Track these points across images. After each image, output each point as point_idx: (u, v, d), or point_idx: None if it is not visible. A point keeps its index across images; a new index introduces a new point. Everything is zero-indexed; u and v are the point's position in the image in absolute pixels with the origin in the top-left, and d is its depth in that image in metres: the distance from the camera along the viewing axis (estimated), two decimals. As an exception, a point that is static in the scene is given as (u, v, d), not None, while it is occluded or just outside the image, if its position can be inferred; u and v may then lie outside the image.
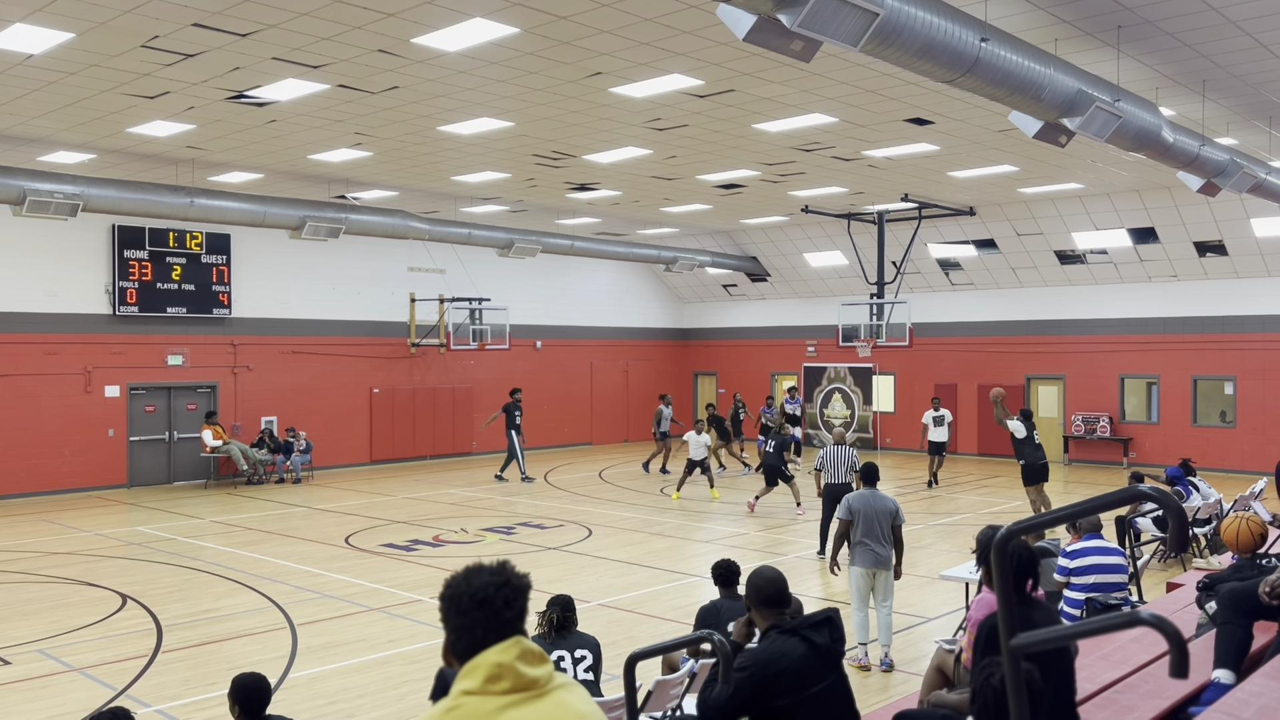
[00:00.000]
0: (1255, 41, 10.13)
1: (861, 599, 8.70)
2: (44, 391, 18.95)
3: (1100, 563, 7.46)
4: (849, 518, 8.75)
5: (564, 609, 5.86)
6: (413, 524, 15.81)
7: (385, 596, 11.09)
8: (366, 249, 23.10)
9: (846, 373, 27.42)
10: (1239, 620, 4.90)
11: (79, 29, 9.57)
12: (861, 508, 8.72)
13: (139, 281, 19.85)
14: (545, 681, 2.19)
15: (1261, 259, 20.46)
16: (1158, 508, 8.77)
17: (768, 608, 4.23)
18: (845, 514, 8.79)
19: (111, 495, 19.22)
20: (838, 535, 8.97)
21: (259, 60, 10.64)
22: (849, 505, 8.79)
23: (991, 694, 3.63)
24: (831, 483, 12.88)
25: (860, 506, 8.73)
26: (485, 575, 2.25)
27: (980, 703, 3.69)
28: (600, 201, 20.75)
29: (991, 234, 22.88)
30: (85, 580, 11.96)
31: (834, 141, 14.96)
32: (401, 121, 13.50)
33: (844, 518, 8.80)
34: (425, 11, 9.18)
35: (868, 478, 9.10)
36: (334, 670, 8.52)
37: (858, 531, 8.67)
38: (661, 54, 10.53)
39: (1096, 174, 17.99)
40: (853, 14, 6.63)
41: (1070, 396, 23.58)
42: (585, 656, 5.74)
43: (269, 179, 17.76)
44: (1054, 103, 9.12)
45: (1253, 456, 20.53)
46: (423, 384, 24.63)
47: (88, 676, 8.39)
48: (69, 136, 14.36)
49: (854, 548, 8.72)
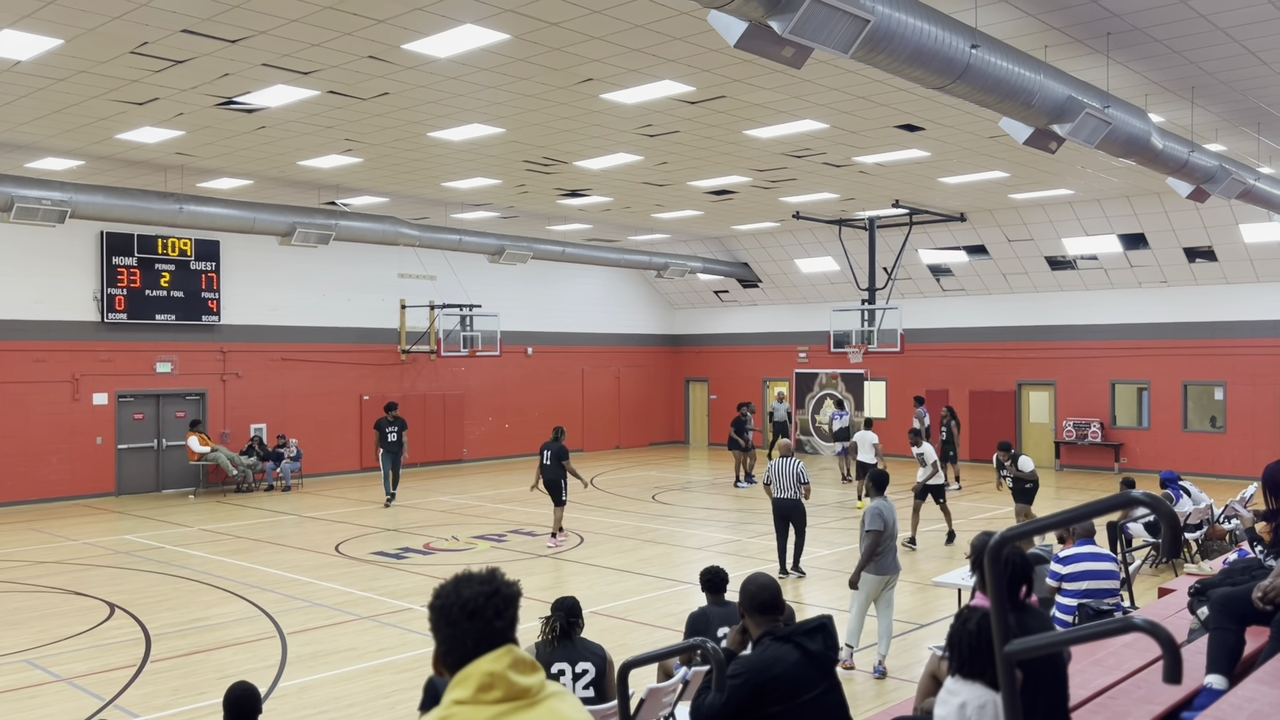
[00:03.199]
0: (1243, 48, 10.17)
1: (866, 604, 8.67)
2: (31, 399, 18.84)
3: (1093, 569, 7.46)
4: (883, 528, 8.59)
5: (569, 614, 5.46)
6: (403, 531, 15.75)
7: (376, 605, 11.03)
8: (357, 255, 23.06)
9: (838, 379, 27.45)
10: (1231, 625, 4.90)
11: (68, 35, 9.53)
12: (890, 516, 8.69)
13: (127, 288, 19.77)
14: (537, 690, 2.17)
15: (1251, 265, 20.55)
16: (1149, 513, 8.78)
17: (761, 615, 4.21)
18: (880, 524, 8.60)
19: (100, 503, 19.11)
20: (870, 547, 8.64)
21: (249, 66, 10.61)
22: (883, 515, 8.64)
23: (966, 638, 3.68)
24: (780, 498, 12.14)
25: (890, 516, 8.68)
26: (475, 585, 2.22)
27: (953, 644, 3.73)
28: (591, 208, 20.74)
29: (982, 240, 22.94)
30: (73, 589, 11.87)
31: (825, 148, 14.98)
32: (392, 128, 13.48)
33: (878, 529, 8.59)
34: (416, 18, 9.17)
35: (880, 485, 9.03)
36: (324, 679, 8.47)
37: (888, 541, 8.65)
38: (652, 60, 10.53)
39: (1086, 180, 18.06)
40: (844, 21, 6.63)
41: (1061, 402, 23.64)
42: (587, 670, 5.37)
43: (258, 185, 17.70)
44: (1044, 109, 9.14)
45: (1242, 461, 20.59)
46: (413, 391, 24.57)
47: (76, 686, 8.32)
48: (57, 143, 14.30)
49: (876, 557, 8.63)
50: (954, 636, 3.78)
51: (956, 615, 3.87)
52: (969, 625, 3.71)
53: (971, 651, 3.68)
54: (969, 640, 3.69)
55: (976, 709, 3.58)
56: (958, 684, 3.70)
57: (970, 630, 3.69)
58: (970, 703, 3.61)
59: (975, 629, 3.67)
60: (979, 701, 3.58)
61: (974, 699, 3.60)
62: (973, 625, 3.69)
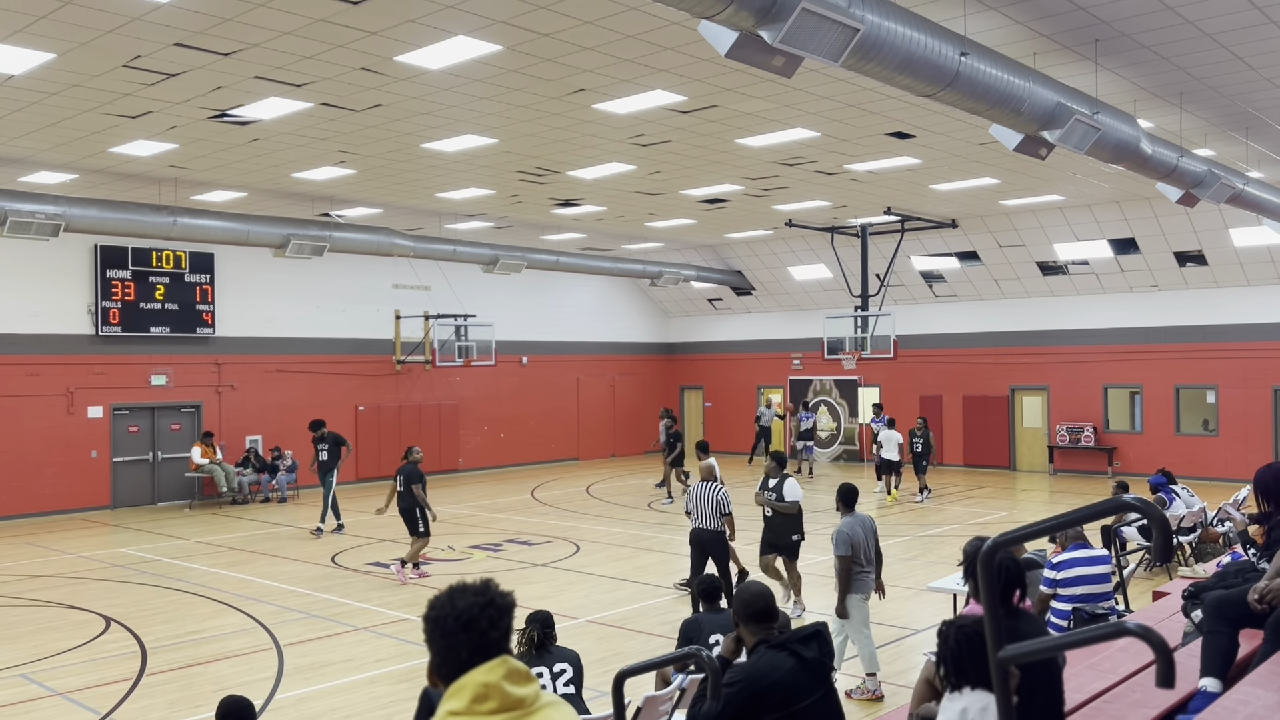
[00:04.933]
0: (1231, 54, 10.24)
1: (866, 626, 8.20)
2: (26, 412, 18.80)
3: (1087, 573, 7.48)
4: (850, 553, 8.12)
5: (544, 625, 5.86)
6: (399, 542, 15.72)
7: (372, 616, 11.02)
8: (351, 267, 23.06)
9: (832, 385, 27.49)
10: (1225, 628, 4.92)
11: (60, 49, 9.55)
12: (857, 537, 8.21)
13: (122, 301, 19.75)
14: (532, 701, 2.19)
15: (1241, 268, 20.63)
16: (1142, 517, 8.81)
17: (755, 623, 4.23)
18: (847, 549, 8.10)
19: (95, 517, 19.06)
20: (843, 574, 8.14)
21: (242, 79, 10.63)
22: (849, 539, 8.15)
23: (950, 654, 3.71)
24: (698, 528, 10.62)
25: (856, 536, 8.21)
26: (469, 596, 2.24)
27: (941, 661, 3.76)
28: (585, 217, 20.78)
29: (974, 246, 23.01)
30: (68, 603, 11.84)
31: (816, 156, 15.04)
32: (385, 139, 13.50)
33: (846, 554, 8.10)
34: (408, 30, 9.20)
35: (848, 502, 8.47)
36: (321, 691, 8.46)
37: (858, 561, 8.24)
38: (644, 70, 10.58)
39: (1077, 186, 18.13)
40: (833, 30, 6.67)
41: (1054, 406, 23.69)
42: (565, 670, 5.76)
43: (252, 197, 17.71)
44: (1034, 116, 9.19)
45: (1235, 464, 20.65)
46: (408, 401, 24.56)
47: (71, 701, 8.30)
48: (50, 157, 14.30)
49: (852, 578, 8.19)
50: (940, 654, 3.81)
51: (938, 632, 3.88)
52: (949, 641, 3.74)
53: (958, 664, 3.71)
54: (952, 655, 3.72)
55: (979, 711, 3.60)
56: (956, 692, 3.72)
57: (952, 646, 3.72)
58: (971, 707, 3.62)
59: (955, 643, 3.70)
60: (981, 704, 3.60)
61: (975, 704, 3.62)
62: (952, 640, 3.72)
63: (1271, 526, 5.81)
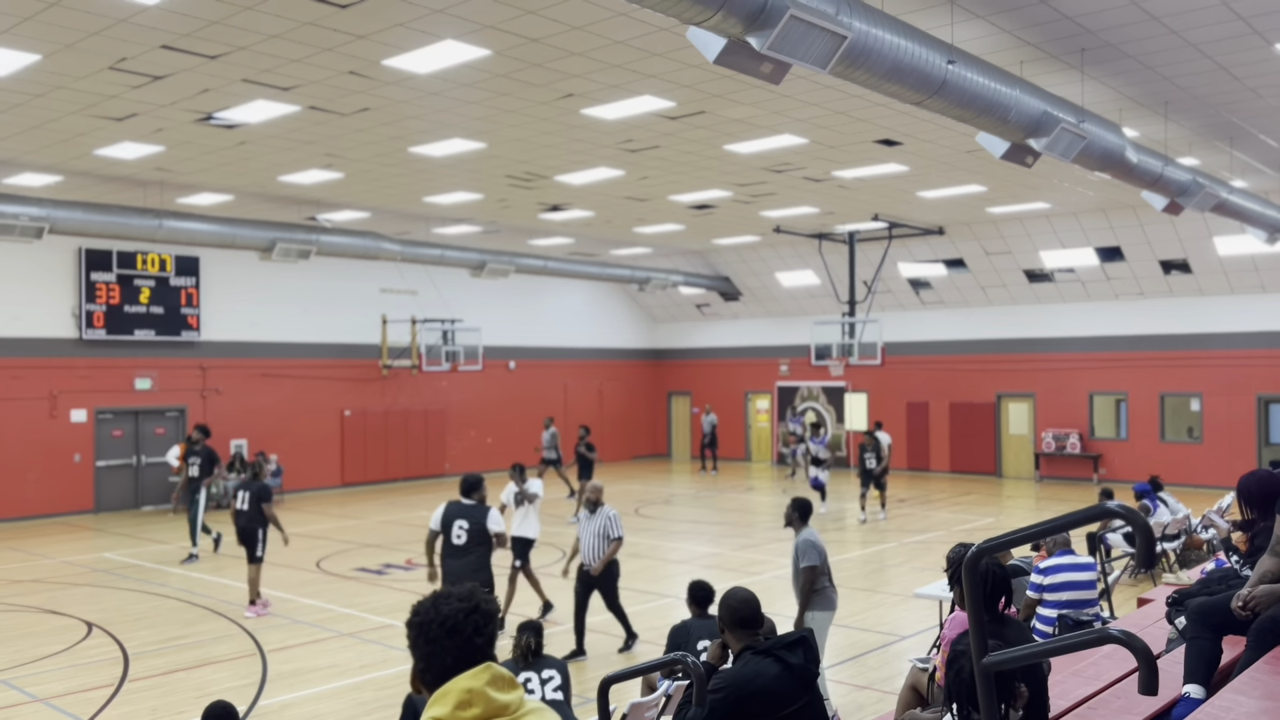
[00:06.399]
0: (1215, 64, 10.32)
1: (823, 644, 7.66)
2: (8, 416, 18.66)
3: (1073, 579, 7.50)
4: (820, 563, 7.79)
5: (537, 634, 5.97)
6: (385, 547, 15.67)
7: (357, 621, 10.97)
8: (337, 270, 22.99)
9: (820, 391, 27.54)
10: (1208, 635, 4.93)
11: (46, 50, 9.50)
12: (823, 547, 7.89)
13: (106, 304, 19.64)
14: (516, 707, 2.18)
15: (1225, 277, 20.77)
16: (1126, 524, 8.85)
17: (741, 629, 4.23)
18: (816, 558, 7.77)
19: (78, 521, 18.92)
20: (807, 586, 7.77)
21: (229, 82, 10.59)
22: (817, 548, 7.81)
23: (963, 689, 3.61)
24: (584, 564, 9.79)
25: (823, 546, 7.89)
26: (454, 602, 2.23)
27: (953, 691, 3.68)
28: (573, 222, 20.77)
29: (961, 253, 23.10)
30: (50, 608, 11.74)
31: (804, 162, 15.07)
32: (373, 143, 13.47)
33: (816, 563, 7.76)
34: (396, 34, 9.18)
35: (805, 514, 8.06)
36: (305, 697, 8.41)
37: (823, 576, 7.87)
38: (633, 76, 10.59)
39: (1063, 194, 18.23)
40: (821, 37, 6.69)
41: (1040, 414, 23.79)
42: (553, 677, 5.87)
43: (239, 201, 17.65)
44: (1020, 124, 9.24)
45: (1220, 471, 20.77)
46: (395, 405, 24.49)
47: (52, 707, 8.23)
48: (35, 158, 14.22)
49: (815, 594, 7.81)
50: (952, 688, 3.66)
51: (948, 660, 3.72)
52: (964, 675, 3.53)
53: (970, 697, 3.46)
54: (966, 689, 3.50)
55: None
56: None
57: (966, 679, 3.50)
58: None
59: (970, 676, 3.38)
60: None
61: None
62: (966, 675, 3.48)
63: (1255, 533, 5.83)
